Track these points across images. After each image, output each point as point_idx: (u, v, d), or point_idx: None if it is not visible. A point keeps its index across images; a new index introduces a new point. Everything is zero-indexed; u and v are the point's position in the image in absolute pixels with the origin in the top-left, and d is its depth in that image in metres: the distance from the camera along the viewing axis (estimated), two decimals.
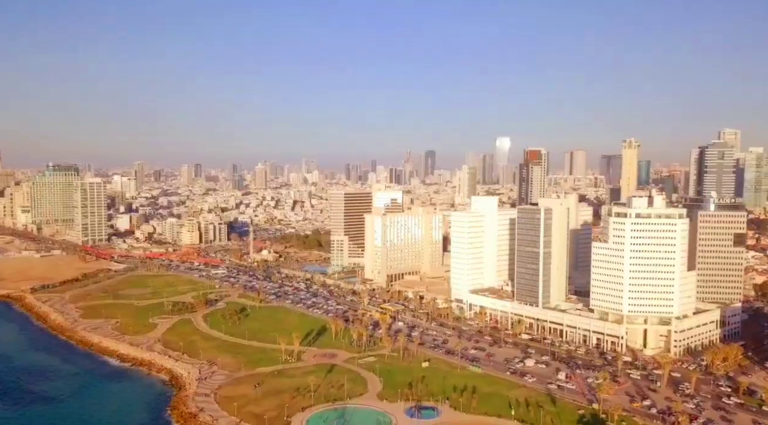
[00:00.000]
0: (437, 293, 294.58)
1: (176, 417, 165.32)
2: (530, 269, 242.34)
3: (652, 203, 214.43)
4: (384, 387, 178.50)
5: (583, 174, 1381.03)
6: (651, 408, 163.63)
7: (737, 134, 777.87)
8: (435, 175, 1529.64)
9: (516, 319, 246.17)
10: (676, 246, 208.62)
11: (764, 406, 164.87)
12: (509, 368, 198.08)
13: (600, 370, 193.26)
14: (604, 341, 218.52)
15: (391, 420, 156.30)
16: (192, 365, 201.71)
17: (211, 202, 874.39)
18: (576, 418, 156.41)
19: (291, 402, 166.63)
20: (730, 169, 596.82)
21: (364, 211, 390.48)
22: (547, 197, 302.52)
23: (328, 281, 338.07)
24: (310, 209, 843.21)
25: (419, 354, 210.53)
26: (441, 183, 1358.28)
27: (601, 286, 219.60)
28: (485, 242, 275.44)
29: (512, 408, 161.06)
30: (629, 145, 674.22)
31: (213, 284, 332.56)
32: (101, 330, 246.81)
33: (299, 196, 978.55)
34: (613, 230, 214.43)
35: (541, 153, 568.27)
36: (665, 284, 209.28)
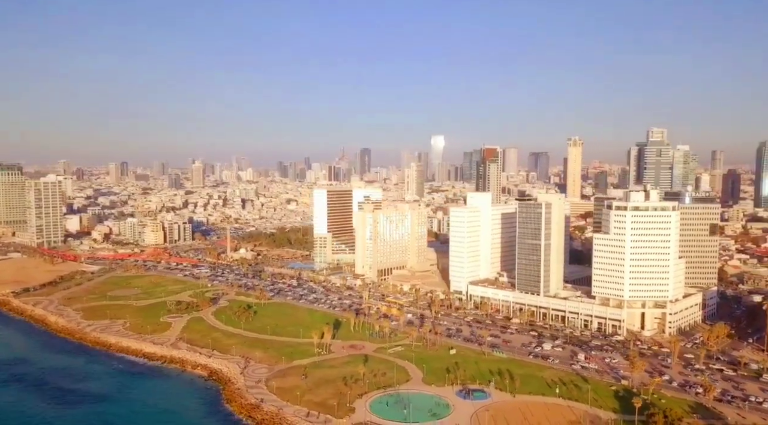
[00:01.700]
0: (431, 286, 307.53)
1: (237, 409, 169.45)
2: (531, 260, 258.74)
3: (649, 197, 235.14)
4: (425, 373, 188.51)
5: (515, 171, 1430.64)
6: (671, 382, 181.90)
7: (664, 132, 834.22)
8: (372, 173, 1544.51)
9: (517, 308, 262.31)
10: (671, 236, 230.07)
11: (763, 375, 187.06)
12: (530, 352, 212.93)
13: (611, 351, 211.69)
14: (606, 324, 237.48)
15: (448, 402, 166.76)
16: (227, 360, 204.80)
17: (156, 201, 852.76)
18: (611, 394, 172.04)
19: (345, 390, 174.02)
20: (667, 165, 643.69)
21: (345, 208, 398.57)
22: (502, 193, 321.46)
23: (318, 277, 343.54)
24: (260, 207, 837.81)
25: (441, 342, 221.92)
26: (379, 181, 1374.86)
27: (603, 274, 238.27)
28: (481, 236, 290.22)
29: (552, 387, 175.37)
30: (574, 143, 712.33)
31: (204, 283, 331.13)
32: (112, 330, 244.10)
33: (246, 194, 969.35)
34: (614, 222, 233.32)
35: (497, 151, 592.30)
36: (661, 270, 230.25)
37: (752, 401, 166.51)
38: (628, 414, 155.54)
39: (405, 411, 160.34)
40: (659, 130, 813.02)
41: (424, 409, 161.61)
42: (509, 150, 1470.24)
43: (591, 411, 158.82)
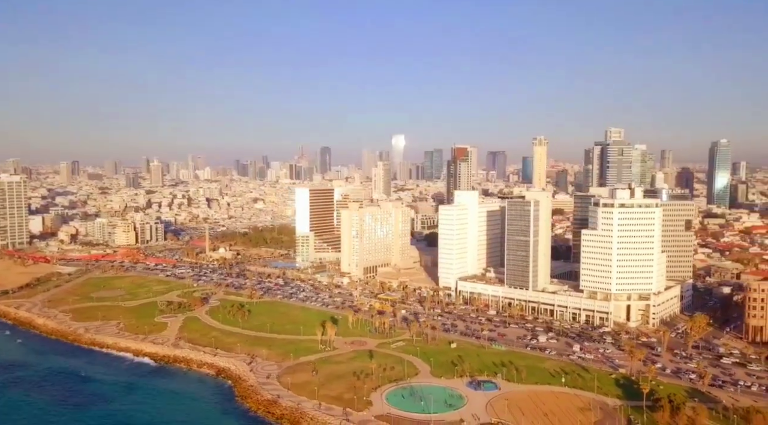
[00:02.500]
0: (419, 282, 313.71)
1: (253, 405, 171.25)
2: (520, 256, 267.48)
3: (633, 195, 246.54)
4: (432, 366, 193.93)
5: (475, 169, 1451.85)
6: (665, 369, 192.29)
7: (621, 132, 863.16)
8: (333, 171, 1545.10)
9: (506, 302, 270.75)
10: (655, 231, 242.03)
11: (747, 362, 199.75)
12: (526, 344, 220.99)
13: (603, 342, 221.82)
14: (594, 317, 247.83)
15: (461, 394, 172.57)
16: (234, 358, 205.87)
17: (118, 201, 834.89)
18: (612, 382, 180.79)
19: (358, 384, 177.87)
20: (628, 164, 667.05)
21: (327, 207, 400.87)
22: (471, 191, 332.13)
23: (302, 276, 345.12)
24: (227, 207, 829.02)
25: (440, 337, 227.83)
26: (340, 179, 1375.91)
27: (591, 268, 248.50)
28: (468, 233, 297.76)
29: (556, 377, 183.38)
30: (539, 142, 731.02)
31: (190, 283, 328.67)
32: (107, 331, 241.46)
33: (210, 193, 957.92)
34: (601, 219, 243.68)
35: (467, 150, 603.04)
36: (646, 264, 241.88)
37: (741, 385, 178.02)
38: (631, 400, 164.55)
39: (422, 403, 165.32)
40: (617, 130, 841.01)
41: (439, 401, 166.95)
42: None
43: (597, 399, 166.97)
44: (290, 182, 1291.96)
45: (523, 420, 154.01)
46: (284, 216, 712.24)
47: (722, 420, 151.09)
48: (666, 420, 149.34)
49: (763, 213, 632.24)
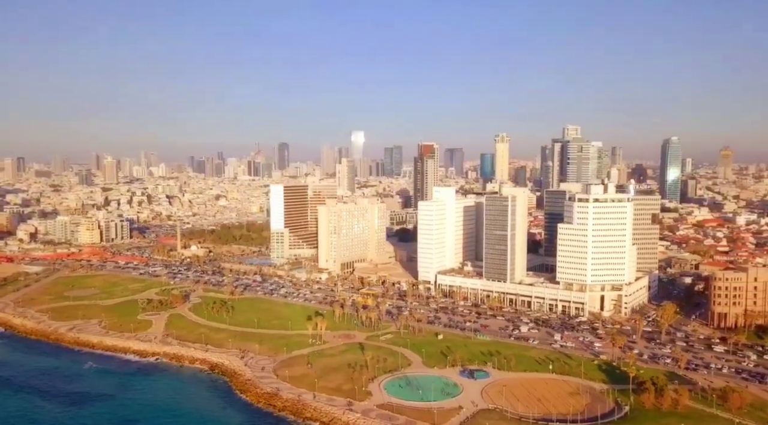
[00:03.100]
0: (397, 277, 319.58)
1: (253, 399, 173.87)
2: (498, 250, 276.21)
3: (607, 190, 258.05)
4: (424, 357, 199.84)
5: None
6: (642, 355, 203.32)
7: (578, 130, 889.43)
8: (291, 167, 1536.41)
9: (485, 295, 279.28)
10: (627, 225, 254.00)
11: (714, 346, 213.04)
12: (509, 335, 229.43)
13: (581, 331, 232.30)
14: (570, 307, 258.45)
15: (456, 382, 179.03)
16: (226, 353, 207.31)
17: (74, 199, 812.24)
18: (595, 368, 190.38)
19: (355, 375, 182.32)
20: (586, 160, 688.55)
21: (301, 204, 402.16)
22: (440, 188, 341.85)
23: (280, 272, 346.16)
24: (189, 204, 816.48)
25: (426, 329, 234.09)
26: (300, 176, 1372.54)
27: (567, 261, 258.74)
28: (446, 228, 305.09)
29: (543, 365, 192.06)
30: (501, 139, 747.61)
31: (166, 281, 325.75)
32: (89, 330, 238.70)
33: (170, 190, 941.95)
34: (577, 213, 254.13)
35: (434, 147, 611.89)
36: (619, 256, 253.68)
37: (713, 368, 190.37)
38: (616, 384, 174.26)
39: (420, 392, 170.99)
40: (574, 127, 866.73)
41: (436, 389, 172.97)
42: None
43: (584, 384, 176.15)
44: (250, 179, 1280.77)
45: (518, 405, 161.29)
46: (249, 213, 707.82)
47: (701, 401, 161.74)
48: (651, 401, 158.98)
49: (712, 207, 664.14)
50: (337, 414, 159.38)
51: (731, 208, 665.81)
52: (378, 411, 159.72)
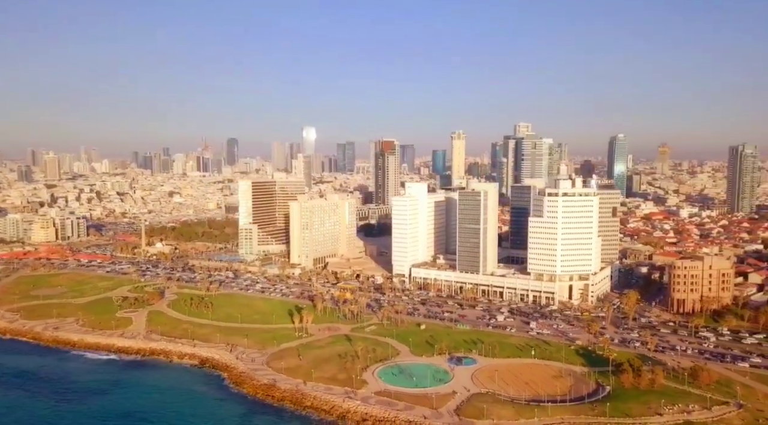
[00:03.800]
0: (371, 271, 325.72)
1: (251, 391, 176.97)
2: (472, 243, 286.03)
3: (575, 185, 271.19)
4: (411, 346, 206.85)
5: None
6: (613, 340, 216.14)
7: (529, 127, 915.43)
8: (241, 163, 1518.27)
9: (458, 286, 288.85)
10: (593, 217, 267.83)
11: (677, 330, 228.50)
12: (487, 324, 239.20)
13: (554, 319, 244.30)
14: (540, 297, 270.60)
15: (446, 369, 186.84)
16: (215, 348, 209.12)
17: (17, 196, 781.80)
18: (573, 352, 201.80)
19: (348, 365, 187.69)
20: (540, 156, 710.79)
21: (269, 199, 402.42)
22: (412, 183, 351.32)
23: (251, 268, 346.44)
24: (141, 201, 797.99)
25: (407, 320, 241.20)
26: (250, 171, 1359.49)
27: (538, 252, 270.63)
28: (419, 223, 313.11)
29: (525, 351, 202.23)
30: (458, 136, 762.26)
31: (137, 278, 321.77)
32: (67, 328, 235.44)
33: (120, 187, 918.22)
34: (547, 207, 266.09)
35: (394, 144, 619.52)
36: (586, 247, 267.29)
37: (678, 350, 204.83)
38: (595, 367, 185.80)
39: (413, 379, 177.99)
40: (525, 124, 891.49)
41: (428, 376, 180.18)
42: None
43: (566, 367, 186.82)
44: (200, 175, 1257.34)
45: (508, 389, 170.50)
46: (207, 210, 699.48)
47: (673, 379, 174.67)
48: (630, 381, 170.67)
49: (656, 201, 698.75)
50: (338, 402, 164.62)
51: (674, 202, 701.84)
52: (377, 398, 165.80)
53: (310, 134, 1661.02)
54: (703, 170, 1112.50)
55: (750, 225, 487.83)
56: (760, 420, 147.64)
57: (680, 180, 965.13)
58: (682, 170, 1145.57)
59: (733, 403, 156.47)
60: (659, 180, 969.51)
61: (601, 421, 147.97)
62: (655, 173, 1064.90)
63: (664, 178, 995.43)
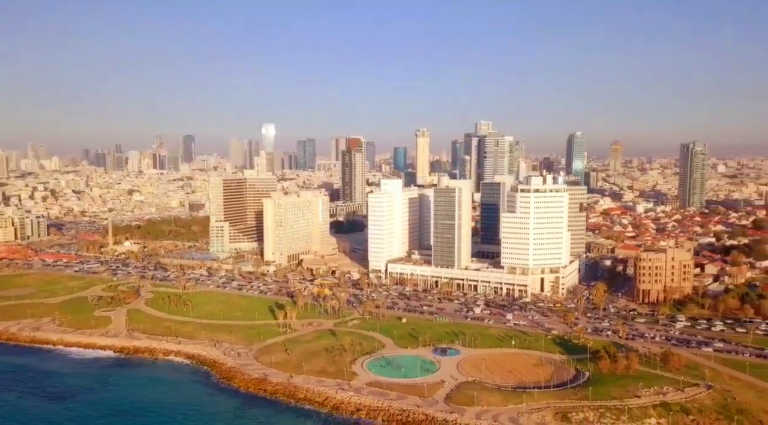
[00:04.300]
0: (347, 267, 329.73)
1: (242, 385, 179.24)
2: (446, 238, 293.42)
3: (545, 182, 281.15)
4: (395, 339, 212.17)
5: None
6: (586, 329, 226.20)
7: (489, 125, 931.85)
8: (198, 160, 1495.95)
9: (434, 281, 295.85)
10: (563, 213, 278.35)
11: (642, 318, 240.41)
12: (465, 316, 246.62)
13: (529, 310, 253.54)
14: (514, 289, 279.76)
15: (432, 359, 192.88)
16: (201, 344, 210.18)
17: None
18: (550, 342, 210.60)
19: (336, 358, 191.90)
20: (502, 154, 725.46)
21: (240, 197, 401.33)
22: (372, 180, 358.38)
23: (225, 266, 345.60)
24: (99, 199, 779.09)
25: (387, 314, 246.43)
26: (208, 169, 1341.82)
27: (511, 247, 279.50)
28: (395, 219, 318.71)
29: (505, 341, 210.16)
30: (422, 134, 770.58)
31: (108, 277, 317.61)
32: (45, 328, 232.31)
33: (75, 185, 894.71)
34: (519, 203, 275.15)
35: (360, 141, 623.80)
36: (557, 241, 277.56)
37: (647, 337, 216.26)
38: (573, 354, 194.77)
39: (402, 370, 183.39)
40: (486, 123, 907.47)
41: (416, 367, 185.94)
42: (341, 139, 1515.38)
43: (546, 356, 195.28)
44: (157, 173, 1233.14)
45: (493, 377, 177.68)
46: (170, 208, 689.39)
47: (646, 364, 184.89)
48: (608, 367, 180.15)
49: (613, 197, 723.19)
50: (331, 393, 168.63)
51: (630, 197, 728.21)
52: (369, 388, 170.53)
53: (269, 131, 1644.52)
54: (652, 167, 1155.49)
55: (702, 219, 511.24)
56: (728, 399, 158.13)
57: (633, 177, 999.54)
58: (632, 167, 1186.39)
59: (703, 385, 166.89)
60: (613, 177, 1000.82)
61: (585, 404, 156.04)
62: (609, 169, 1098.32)
63: (618, 174, 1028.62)
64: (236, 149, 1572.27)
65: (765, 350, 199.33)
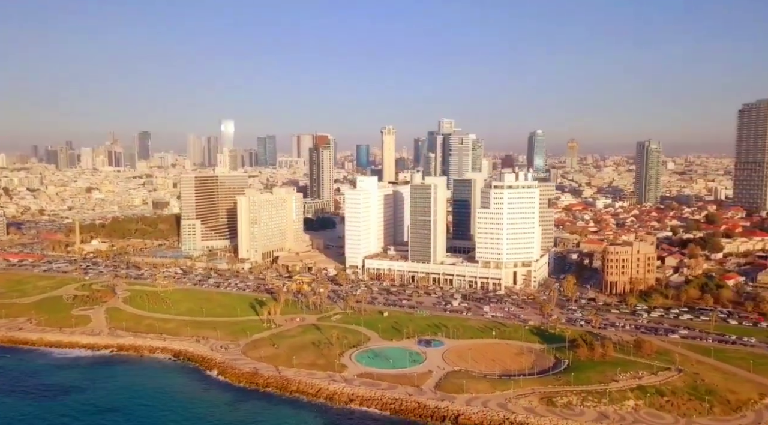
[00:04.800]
0: (323, 263, 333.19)
1: (234, 379, 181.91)
2: (422, 234, 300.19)
3: (518, 178, 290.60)
4: (380, 332, 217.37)
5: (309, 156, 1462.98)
6: (561, 320, 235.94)
7: (452, 123, 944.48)
8: (156, 157, 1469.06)
9: (410, 275, 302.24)
10: (534, 208, 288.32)
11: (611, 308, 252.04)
12: (444, 309, 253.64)
13: (504, 303, 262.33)
14: (488, 283, 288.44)
15: (418, 351, 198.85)
16: (187, 341, 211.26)
17: None
18: (528, 332, 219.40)
19: (325, 351, 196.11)
20: (467, 151, 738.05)
21: (211, 195, 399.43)
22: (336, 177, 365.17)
23: (199, 264, 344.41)
24: (56, 197, 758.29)
25: (368, 309, 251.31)
26: (166, 166, 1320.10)
27: (485, 241, 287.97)
28: (371, 215, 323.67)
29: (485, 332, 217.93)
30: (388, 132, 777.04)
31: (80, 276, 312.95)
32: (23, 328, 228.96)
33: (29, 183, 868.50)
34: (493, 199, 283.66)
35: (328, 138, 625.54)
36: (529, 236, 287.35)
37: (618, 326, 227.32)
38: (551, 343, 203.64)
39: (390, 361, 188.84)
40: (448, 120, 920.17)
41: (403, 358, 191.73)
42: (303, 136, 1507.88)
43: (526, 345, 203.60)
44: (114, 170, 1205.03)
45: (478, 366, 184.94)
46: (132, 206, 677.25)
47: (620, 351, 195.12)
48: (585, 354, 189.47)
49: (573, 193, 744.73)
50: (323, 385, 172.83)
51: (589, 194, 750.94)
52: (360, 379, 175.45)
53: (228, 128, 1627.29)
54: (606, 164, 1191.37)
55: (658, 214, 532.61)
56: (697, 381, 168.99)
57: (589, 174, 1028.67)
58: (587, 164, 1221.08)
59: (674, 369, 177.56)
60: (571, 173, 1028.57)
61: (568, 389, 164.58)
62: (565, 166, 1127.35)
63: (574, 171, 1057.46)
64: (195, 146, 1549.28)
65: (725, 336, 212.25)
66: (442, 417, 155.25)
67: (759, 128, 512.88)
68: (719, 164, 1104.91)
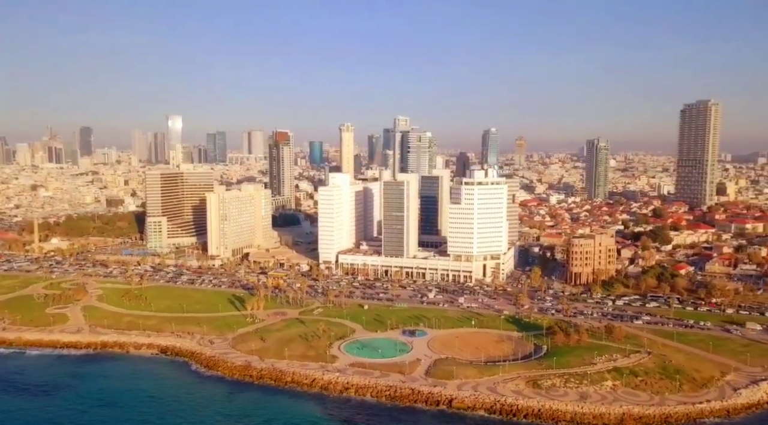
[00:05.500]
0: (295, 259, 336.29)
1: (227, 372, 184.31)
2: (396, 229, 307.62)
3: (487, 175, 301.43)
4: (364, 324, 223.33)
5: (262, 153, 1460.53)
6: (534, 309, 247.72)
7: (407, 120, 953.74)
8: (99, 153, 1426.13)
9: (384, 270, 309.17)
10: (503, 203, 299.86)
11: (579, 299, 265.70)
12: (421, 301, 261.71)
13: (476, 294, 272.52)
14: (459, 276, 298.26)
15: (404, 341, 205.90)
16: (172, 336, 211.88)
17: None
18: (505, 321, 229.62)
19: (312, 344, 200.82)
20: (425, 149, 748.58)
21: (176, 191, 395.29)
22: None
23: (168, 261, 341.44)
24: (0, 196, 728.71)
25: (348, 302, 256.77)
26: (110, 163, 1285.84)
27: (457, 236, 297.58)
28: (343, 211, 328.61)
29: (464, 322, 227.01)
30: (347, 129, 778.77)
31: (45, 275, 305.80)
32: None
33: None
34: (464, 195, 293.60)
35: (288, 135, 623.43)
36: (497, 230, 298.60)
37: (586, 314, 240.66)
38: (528, 331, 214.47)
39: (379, 351, 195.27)
40: (404, 118, 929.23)
41: (390, 348, 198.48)
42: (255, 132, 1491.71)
43: (505, 333, 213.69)
44: (57, 167, 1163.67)
45: (463, 353, 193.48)
46: (84, 204, 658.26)
47: (593, 336, 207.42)
48: (562, 340, 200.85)
49: (526, 189, 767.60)
50: (317, 375, 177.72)
51: (541, 190, 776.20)
52: (352, 369, 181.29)
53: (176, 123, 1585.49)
54: (552, 162, 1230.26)
55: (609, 209, 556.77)
56: (666, 362, 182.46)
57: (538, 171, 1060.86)
58: (534, 161, 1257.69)
59: (644, 351, 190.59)
60: (520, 170, 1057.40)
61: (551, 373, 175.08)
62: (514, 163, 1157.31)
63: (523, 168, 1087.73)
64: (140, 142, 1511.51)
65: (684, 320, 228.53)
66: (436, 402, 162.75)
67: (699, 127, 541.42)
68: (656, 162, 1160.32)
